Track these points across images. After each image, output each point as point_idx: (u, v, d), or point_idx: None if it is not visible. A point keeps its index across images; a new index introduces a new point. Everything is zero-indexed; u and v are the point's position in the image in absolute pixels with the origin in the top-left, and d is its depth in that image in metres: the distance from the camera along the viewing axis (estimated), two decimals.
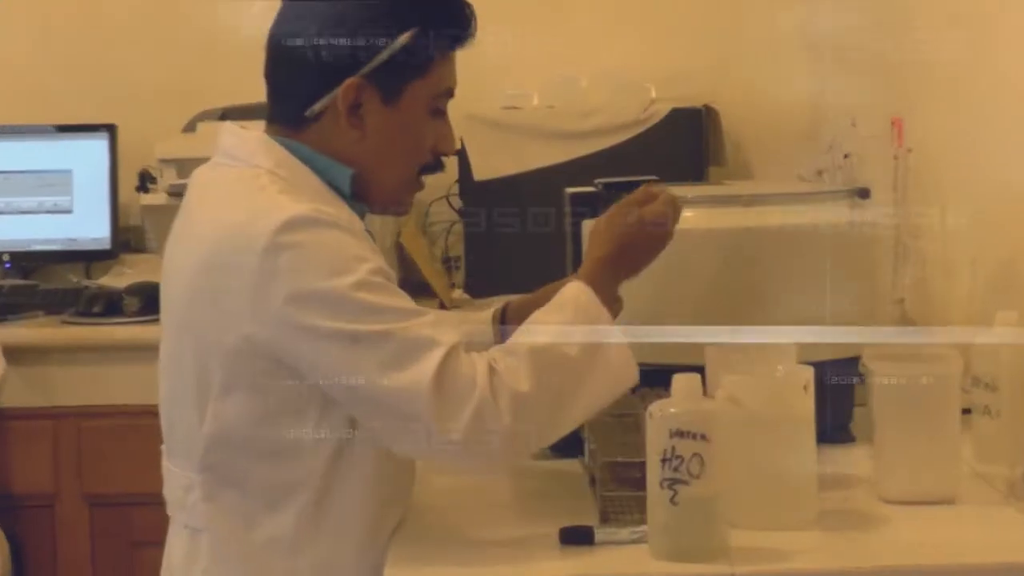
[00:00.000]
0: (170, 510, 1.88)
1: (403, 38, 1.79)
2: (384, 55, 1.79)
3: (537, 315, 1.78)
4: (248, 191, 1.77)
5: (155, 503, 1.91)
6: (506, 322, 2.01)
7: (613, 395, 1.78)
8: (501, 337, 1.97)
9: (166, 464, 1.88)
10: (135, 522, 3.21)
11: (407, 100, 1.81)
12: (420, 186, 1.89)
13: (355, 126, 1.80)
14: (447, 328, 1.73)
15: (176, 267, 1.83)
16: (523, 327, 1.77)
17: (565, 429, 1.76)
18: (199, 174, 1.88)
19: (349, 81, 1.78)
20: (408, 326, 1.69)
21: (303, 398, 1.74)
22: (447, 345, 1.68)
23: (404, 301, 1.73)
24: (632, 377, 1.78)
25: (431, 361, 1.67)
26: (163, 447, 1.89)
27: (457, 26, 1.83)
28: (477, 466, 1.75)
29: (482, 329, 2.02)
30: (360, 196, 1.83)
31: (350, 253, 1.71)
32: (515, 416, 1.68)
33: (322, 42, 1.79)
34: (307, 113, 1.81)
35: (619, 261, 1.83)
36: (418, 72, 1.81)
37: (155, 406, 1.89)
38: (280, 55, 1.83)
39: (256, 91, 1.90)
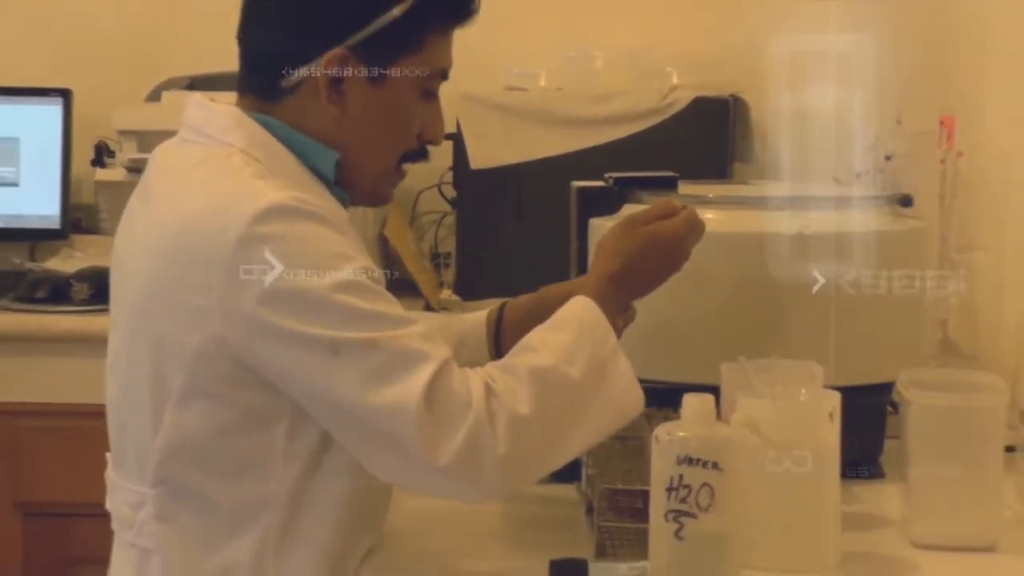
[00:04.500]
0: (116, 526, 1.87)
1: (397, 9, 1.79)
2: (374, 26, 1.79)
3: (536, 332, 1.78)
4: (219, 173, 1.76)
5: (98, 515, 1.91)
6: (503, 325, 2.01)
7: (616, 425, 1.78)
8: (496, 342, 1.98)
9: (112, 475, 1.88)
10: (74, 536, 3.21)
11: (395, 78, 1.81)
12: (401, 175, 1.89)
13: (335, 102, 1.80)
14: (439, 340, 1.73)
15: (132, 256, 1.82)
16: (521, 344, 1.78)
17: (564, 459, 1.76)
18: (162, 151, 1.88)
19: (333, 52, 1.78)
20: (396, 336, 1.68)
21: (274, 409, 1.73)
22: (439, 360, 1.68)
23: (392, 306, 1.72)
24: (636, 406, 1.78)
25: (421, 377, 1.66)
26: (109, 455, 1.89)
27: (456, 0, 1.83)
28: (467, 495, 1.74)
29: (476, 333, 2.03)
30: (342, 183, 1.84)
31: (333, 250, 1.70)
32: (513, 442, 1.67)
33: (307, 6, 1.79)
34: (283, 84, 1.81)
35: (627, 280, 1.84)
36: (411, 48, 1.81)
37: (103, 406, 1.89)
38: (257, 15, 1.84)
39: (230, 59, 1.90)
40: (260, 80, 1.83)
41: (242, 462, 1.75)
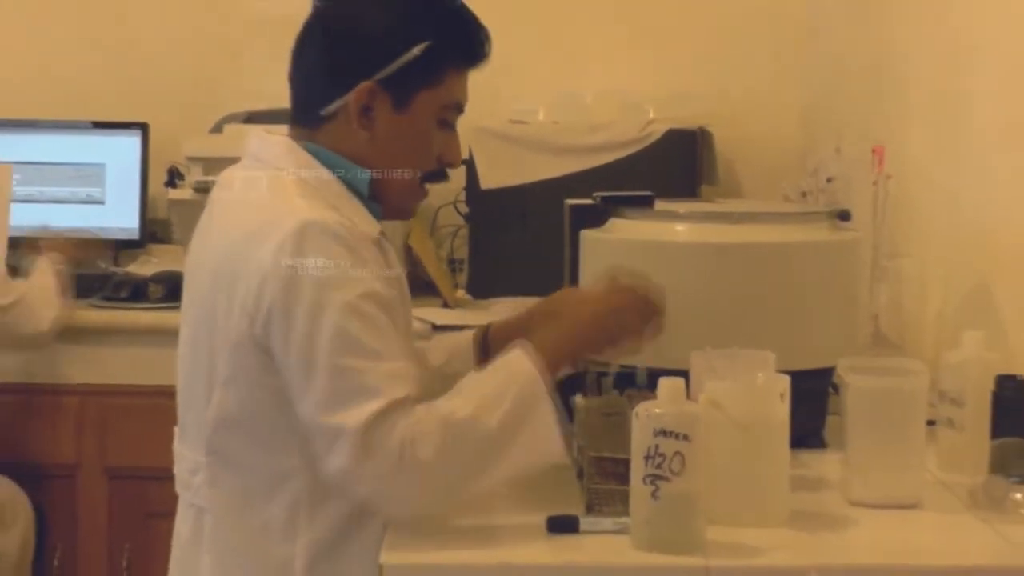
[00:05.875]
0: (179, 489, 1.87)
1: (417, 49, 1.78)
2: (398, 63, 1.78)
3: (471, 377, 1.75)
4: (268, 194, 1.77)
5: (170, 478, 1.90)
6: (488, 342, 1.98)
7: (535, 467, 1.74)
8: (481, 354, 1.96)
9: (177, 446, 1.87)
10: (151, 494, 3.20)
11: (416, 108, 1.80)
12: (424, 193, 1.88)
13: (365, 127, 1.80)
14: (403, 380, 1.68)
15: (200, 262, 1.82)
16: (457, 385, 1.74)
17: (471, 494, 1.72)
18: (226, 175, 1.88)
19: (363, 84, 1.78)
20: (363, 368, 1.66)
21: None
22: (388, 399, 1.65)
23: (378, 337, 1.69)
24: (556, 453, 1.73)
25: (365, 410, 1.64)
26: (176, 429, 1.88)
27: (471, 45, 1.83)
28: (385, 514, 1.72)
29: (464, 348, 2.00)
30: (376, 198, 1.83)
31: (346, 272, 1.69)
32: (419, 482, 1.66)
33: (342, 46, 1.80)
34: (323, 112, 1.81)
35: (575, 344, 1.81)
36: (429, 82, 1.80)
37: (174, 387, 1.88)
38: (303, 59, 1.84)
39: (278, 96, 1.90)
40: (306, 111, 1.83)
41: (275, 435, 1.74)
